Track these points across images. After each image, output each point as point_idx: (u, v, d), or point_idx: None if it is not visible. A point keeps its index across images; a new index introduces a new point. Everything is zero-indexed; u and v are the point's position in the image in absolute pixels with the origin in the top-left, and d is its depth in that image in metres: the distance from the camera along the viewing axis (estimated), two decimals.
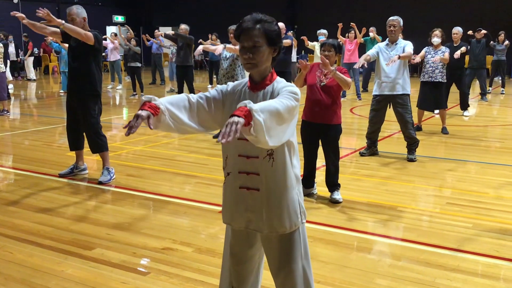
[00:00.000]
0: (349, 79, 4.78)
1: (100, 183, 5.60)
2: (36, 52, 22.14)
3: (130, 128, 1.93)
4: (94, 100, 5.59)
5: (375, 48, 6.66)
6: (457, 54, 9.10)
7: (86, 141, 5.77)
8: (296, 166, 2.27)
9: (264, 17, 2.18)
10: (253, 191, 2.23)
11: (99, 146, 5.65)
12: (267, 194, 2.21)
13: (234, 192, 2.28)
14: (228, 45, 7.54)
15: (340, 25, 12.28)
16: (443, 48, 8.09)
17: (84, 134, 5.74)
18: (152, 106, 2.02)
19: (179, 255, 3.76)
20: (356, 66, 6.49)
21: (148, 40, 16.36)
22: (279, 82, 2.24)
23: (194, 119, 2.20)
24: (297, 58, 15.68)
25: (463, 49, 9.33)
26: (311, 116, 4.90)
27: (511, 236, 4.10)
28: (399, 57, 6.28)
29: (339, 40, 11.47)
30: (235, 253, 2.37)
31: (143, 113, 1.98)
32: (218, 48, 7.68)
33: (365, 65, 6.51)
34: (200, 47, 8.07)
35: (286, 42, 8.52)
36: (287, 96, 2.04)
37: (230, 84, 2.32)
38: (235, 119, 1.79)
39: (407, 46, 6.40)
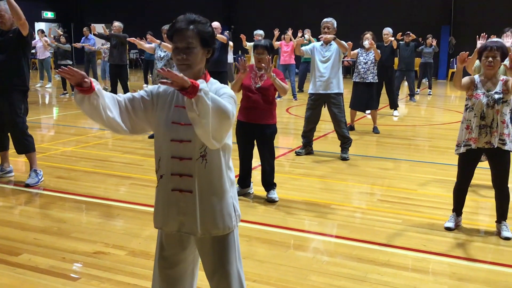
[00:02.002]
0: (286, 86, 4.86)
1: (27, 185, 5.34)
2: None
3: (70, 69, 1.97)
4: (21, 97, 5.34)
5: (310, 46, 6.84)
6: (394, 42, 9.54)
7: (11, 142, 5.49)
8: (230, 168, 2.26)
9: (198, 17, 2.16)
10: (186, 193, 2.19)
11: (25, 146, 5.39)
12: (200, 196, 2.18)
13: (167, 195, 2.24)
14: (163, 43, 7.44)
15: (276, 33, 12.37)
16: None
17: (9, 134, 5.46)
18: (91, 81, 2.04)
19: (112, 258, 3.65)
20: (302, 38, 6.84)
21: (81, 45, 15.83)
22: (213, 83, 2.23)
23: (122, 117, 2.16)
24: (234, 59, 15.68)
25: (394, 42, 9.71)
26: (247, 117, 4.91)
27: (438, 230, 4.29)
28: (335, 39, 6.51)
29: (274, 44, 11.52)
30: (167, 257, 2.32)
31: (84, 74, 2.00)
32: (152, 45, 7.65)
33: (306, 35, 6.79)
34: (132, 39, 8.08)
35: (221, 37, 8.48)
36: (228, 101, 2.04)
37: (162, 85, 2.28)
38: (185, 77, 1.85)
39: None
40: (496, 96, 4.01)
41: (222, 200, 2.22)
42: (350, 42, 6.81)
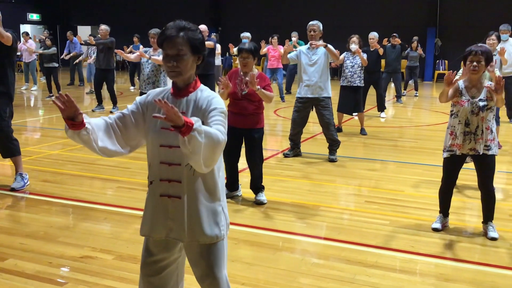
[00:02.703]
0: (271, 94, 4.85)
1: (13, 189, 5.28)
2: None
3: (67, 95, 1.99)
4: (6, 101, 5.27)
5: (296, 51, 6.84)
6: (380, 49, 9.62)
7: None
8: (220, 176, 2.26)
9: (188, 24, 2.16)
10: (175, 198, 2.19)
11: (11, 150, 5.33)
12: (189, 202, 2.17)
13: (156, 200, 2.23)
14: (153, 56, 7.32)
15: (263, 44, 12.35)
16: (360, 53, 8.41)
17: None
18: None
19: (99, 263, 3.62)
20: (290, 44, 6.86)
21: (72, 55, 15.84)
22: (203, 90, 2.24)
23: (116, 140, 2.22)
24: (222, 61, 15.65)
25: (381, 50, 9.79)
26: (234, 122, 4.88)
27: (425, 232, 4.32)
28: (326, 46, 6.55)
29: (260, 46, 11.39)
30: (151, 263, 2.30)
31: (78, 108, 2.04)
32: (137, 54, 7.55)
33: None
34: (119, 52, 7.96)
35: (208, 44, 8.51)
36: (220, 123, 2.07)
37: (151, 93, 2.30)
38: (180, 115, 1.85)
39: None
40: (481, 103, 4.00)
41: (211, 208, 2.21)
42: (337, 50, 6.82)
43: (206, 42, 8.29)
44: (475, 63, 3.96)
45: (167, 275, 2.33)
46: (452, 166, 4.22)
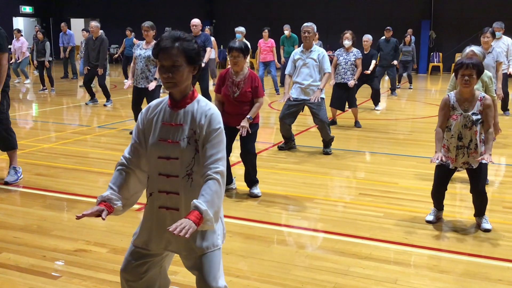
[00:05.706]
0: (260, 103, 4.89)
1: (6, 183, 5.26)
2: None
3: (84, 216, 2.06)
4: (3, 95, 5.24)
5: (290, 61, 6.80)
6: (368, 71, 9.58)
7: None
8: None
9: (183, 35, 2.15)
10: (173, 211, 2.19)
11: (9, 143, 5.31)
12: (186, 214, 2.16)
13: (154, 213, 2.23)
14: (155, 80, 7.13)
15: (256, 58, 12.28)
16: (354, 50, 8.41)
17: None
18: (107, 205, 2.15)
19: (93, 256, 3.61)
20: (282, 101, 6.81)
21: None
22: (200, 101, 2.22)
23: (139, 179, 2.28)
24: (219, 52, 15.57)
25: (373, 63, 9.76)
26: (230, 121, 4.85)
27: (419, 224, 4.34)
28: (321, 90, 6.56)
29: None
30: (134, 267, 2.29)
31: (99, 208, 2.13)
32: (151, 84, 7.22)
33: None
34: (127, 87, 7.67)
35: (207, 56, 8.96)
36: (220, 156, 2.12)
37: (152, 105, 2.29)
38: (191, 223, 1.94)
39: (326, 62, 6.59)
40: (474, 117, 3.96)
41: None
42: (331, 53, 6.79)
43: (206, 57, 8.33)
44: (466, 77, 3.87)
45: (149, 279, 2.32)
46: (443, 174, 4.21)
